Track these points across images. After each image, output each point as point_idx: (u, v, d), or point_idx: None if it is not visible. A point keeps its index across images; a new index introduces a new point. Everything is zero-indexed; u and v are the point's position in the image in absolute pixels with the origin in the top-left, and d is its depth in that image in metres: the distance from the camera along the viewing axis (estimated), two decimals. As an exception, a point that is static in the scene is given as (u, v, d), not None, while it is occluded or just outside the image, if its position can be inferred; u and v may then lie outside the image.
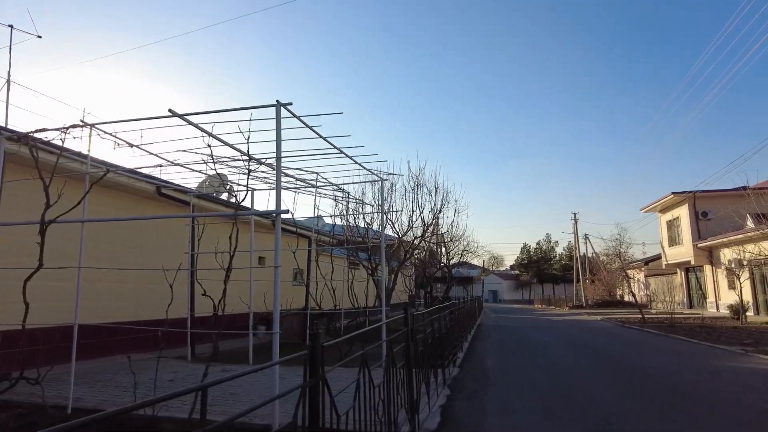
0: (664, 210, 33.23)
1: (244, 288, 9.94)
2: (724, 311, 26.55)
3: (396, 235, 14.35)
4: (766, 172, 40.30)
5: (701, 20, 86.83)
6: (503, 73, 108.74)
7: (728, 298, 26.90)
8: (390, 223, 14.16)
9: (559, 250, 78.30)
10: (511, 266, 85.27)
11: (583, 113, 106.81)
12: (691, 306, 31.72)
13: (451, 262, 28.51)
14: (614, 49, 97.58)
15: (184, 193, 10.63)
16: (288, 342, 14.57)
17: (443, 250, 24.63)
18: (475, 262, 75.85)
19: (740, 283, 20.82)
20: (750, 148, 63.52)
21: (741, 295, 20.81)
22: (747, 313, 22.11)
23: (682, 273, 32.67)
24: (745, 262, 25.15)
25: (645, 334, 16.06)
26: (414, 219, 13.99)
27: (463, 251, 29.34)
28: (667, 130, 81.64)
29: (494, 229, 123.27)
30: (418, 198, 13.87)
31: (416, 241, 14.20)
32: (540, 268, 75.16)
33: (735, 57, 76.14)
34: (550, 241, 79.29)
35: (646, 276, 39.66)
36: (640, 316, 21.38)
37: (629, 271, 45.05)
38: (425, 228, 13.84)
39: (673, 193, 29.63)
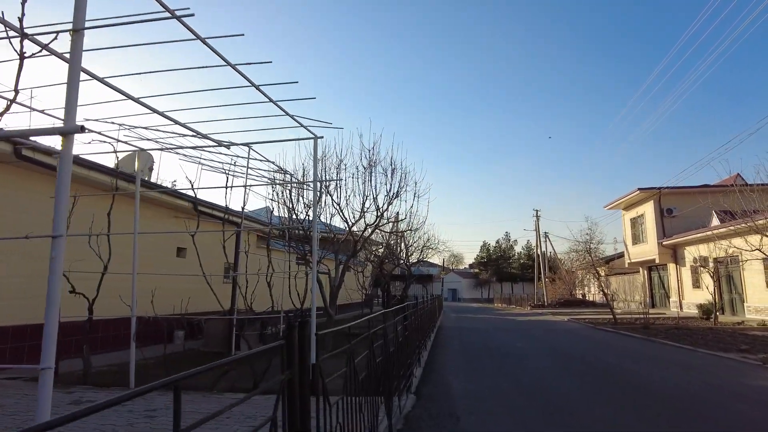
0: (628, 207, 32.46)
1: (158, 284, 7.36)
2: (689, 311, 25.84)
3: (345, 225, 11.93)
4: (729, 171, 40.60)
5: (668, 19, 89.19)
6: (466, 71, 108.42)
7: (693, 297, 26.17)
8: (337, 209, 11.72)
9: (517, 248, 78.38)
10: (470, 265, 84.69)
11: (544, 112, 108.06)
12: (653, 305, 31.03)
13: (411, 258, 26.41)
14: (585, 46, 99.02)
15: (50, 155, 7.76)
16: (212, 351, 11.90)
17: (402, 245, 22.43)
18: (436, 258, 74.81)
19: (714, 282, 19.71)
20: (714, 148, 65.24)
21: (714, 295, 19.75)
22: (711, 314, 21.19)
23: (645, 272, 31.99)
24: (711, 261, 24.45)
25: (625, 338, 14.40)
26: (367, 205, 11.63)
27: (423, 247, 27.31)
28: (629, 130, 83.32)
29: (455, 226, 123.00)
30: (372, 179, 11.50)
31: (368, 231, 11.81)
32: (499, 266, 74.79)
33: (701, 57, 78.50)
34: (509, 240, 79.23)
35: (607, 275, 39.07)
36: (611, 316, 19.99)
37: (587, 270, 44.78)
38: (379, 215, 11.48)
39: (639, 189, 28.74)
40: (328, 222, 12.20)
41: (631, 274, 34.19)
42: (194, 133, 6.20)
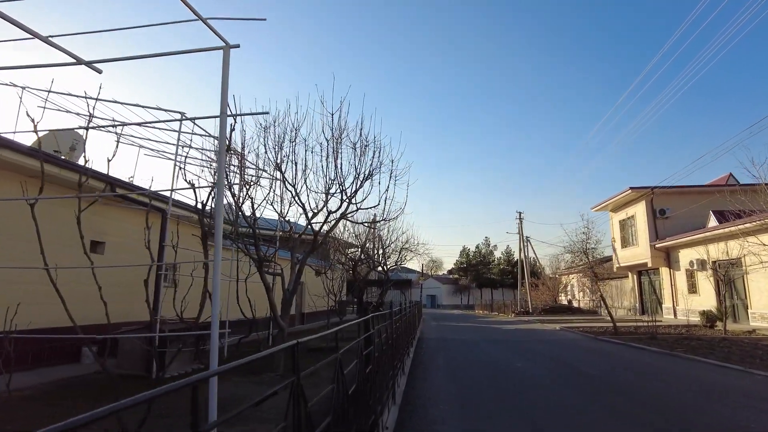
0: (617, 209, 30.81)
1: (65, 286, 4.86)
2: (685, 318, 24.15)
3: (303, 214, 9.44)
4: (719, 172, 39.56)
5: (655, 23, 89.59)
6: (446, 73, 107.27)
7: (689, 303, 24.47)
8: (292, 192, 9.23)
9: (497, 254, 76.78)
10: (449, 270, 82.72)
11: (527, 119, 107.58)
12: (643, 312, 29.29)
13: (388, 260, 23.99)
14: (567, 49, 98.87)
15: None
16: (128, 373, 9.20)
17: (379, 245, 20.06)
18: (415, 263, 72.55)
19: (725, 285, 17.82)
20: (707, 150, 64.87)
21: (724, 300, 17.86)
22: (718, 321, 19.40)
23: (635, 276, 30.30)
24: (710, 264, 22.81)
25: (639, 352, 12.27)
26: (333, 190, 9.18)
27: (402, 249, 24.93)
28: (611, 135, 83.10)
29: (434, 229, 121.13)
30: (337, 156, 9.05)
31: (333, 220, 9.35)
32: (479, 272, 73.03)
33: (689, 60, 78.74)
34: (489, 245, 77.65)
35: (592, 281, 37.36)
36: (611, 325, 17.94)
37: (572, 276, 43.10)
38: (346, 199, 9.04)
39: (631, 188, 27.04)
40: (285, 212, 9.68)
41: (619, 279, 32.50)
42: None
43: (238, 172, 8.72)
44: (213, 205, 7.45)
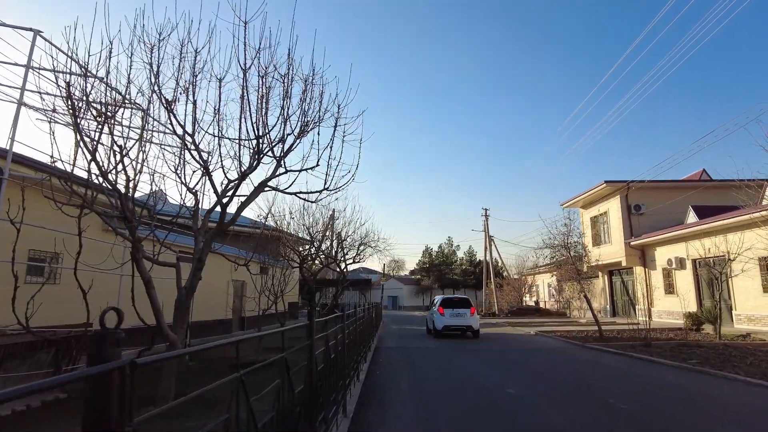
0: (588, 205, 29.25)
1: None
2: (661, 320, 22.69)
3: (203, 171, 6.50)
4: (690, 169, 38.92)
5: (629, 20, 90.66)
6: (414, 69, 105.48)
7: (666, 304, 22.99)
8: (186, 148, 6.29)
9: (460, 254, 75.35)
10: (411, 271, 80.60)
11: (493, 114, 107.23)
12: (614, 314, 27.81)
13: (346, 256, 21.15)
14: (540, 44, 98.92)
15: None
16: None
17: (332, 234, 17.22)
18: (377, 261, 69.81)
19: (721, 284, 16.04)
20: (676, 150, 65.47)
21: (719, 302, 16.13)
22: (705, 324, 17.76)
23: (606, 276, 28.78)
24: (689, 262, 21.32)
25: (652, 366, 10.00)
26: (262, 144, 6.31)
27: (360, 244, 22.14)
28: (577, 134, 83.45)
29: (396, 227, 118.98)
30: (246, 92, 6.16)
31: (248, 184, 6.45)
32: (441, 272, 71.26)
33: (657, 61, 79.86)
34: (452, 245, 76.12)
35: (558, 280, 35.82)
36: (596, 329, 15.83)
37: (539, 276, 41.64)
38: (269, 152, 6.18)
39: (606, 182, 25.39)
40: (185, 176, 6.69)
41: (588, 279, 30.95)
42: None
43: (102, 109, 5.69)
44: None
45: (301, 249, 19.31)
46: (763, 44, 74.28)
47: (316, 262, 21.67)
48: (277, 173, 6.47)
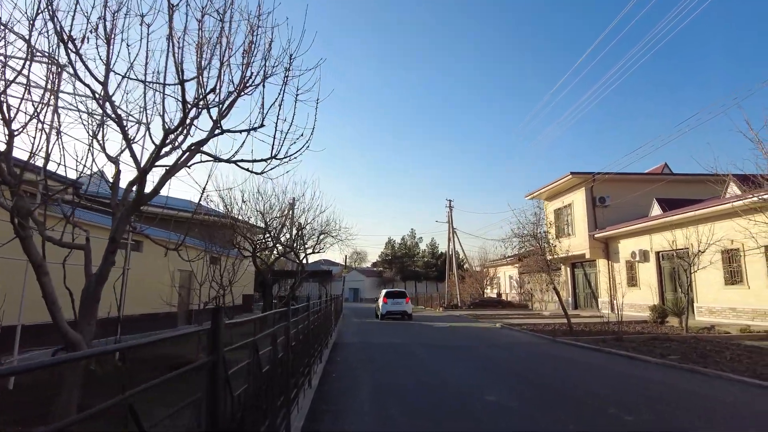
0: (553, 197, 29.07)
1: None
2: (623, 312, 22.64)
3: (121, 136, 5.09)
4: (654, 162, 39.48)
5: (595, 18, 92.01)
6: (383, 59, 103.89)
7: (628, 297, 22.96)
8: (95, 100, 4.87)
9: (422, 246, 75.13)
10: (374, 263, 79.76)
11: (456, 107, 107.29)
12: (576, 307, 27.83)
13: (306, 245, 19.76)
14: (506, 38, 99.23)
15: None
16: None
17: (288, 221, 15.84)
18: (338, 252, 68.24)
19: (688, 276, 15.82)
20: (639, 144, 67.01)
21: (688, 294, 15.90)
22: (669, 317, 17.64)
23: (568, 269, 28.74)
24: (653, 254, 21.31)
25: (632, 363, 9.31)
26: (197, 97, 4.96)
27: (320, 233, 20.78)
28: (543, 124, 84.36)
29: (358, 218, 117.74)
30: (172, 30, 4.78)
31: (176, 150, 5.09)
32: (404, 264, 70.81)
33: (622, 56, 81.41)
34: (415, 237, 75.78)
35: (520, 273, 35.74)
36: (565, 322, 15.30)
37: (499, 269, 41.61)
38: (214, 120, 4.86)
39: (572, 173, 25.14)
40: (95, 131, 5.24)
41: (553, 271, 30.90)
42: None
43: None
44: None
45: (254, 238, 17.80)
46: (737, 30, 77.54)
47: (274, 252, 20.19)
48: (215, 133, 5.14)
